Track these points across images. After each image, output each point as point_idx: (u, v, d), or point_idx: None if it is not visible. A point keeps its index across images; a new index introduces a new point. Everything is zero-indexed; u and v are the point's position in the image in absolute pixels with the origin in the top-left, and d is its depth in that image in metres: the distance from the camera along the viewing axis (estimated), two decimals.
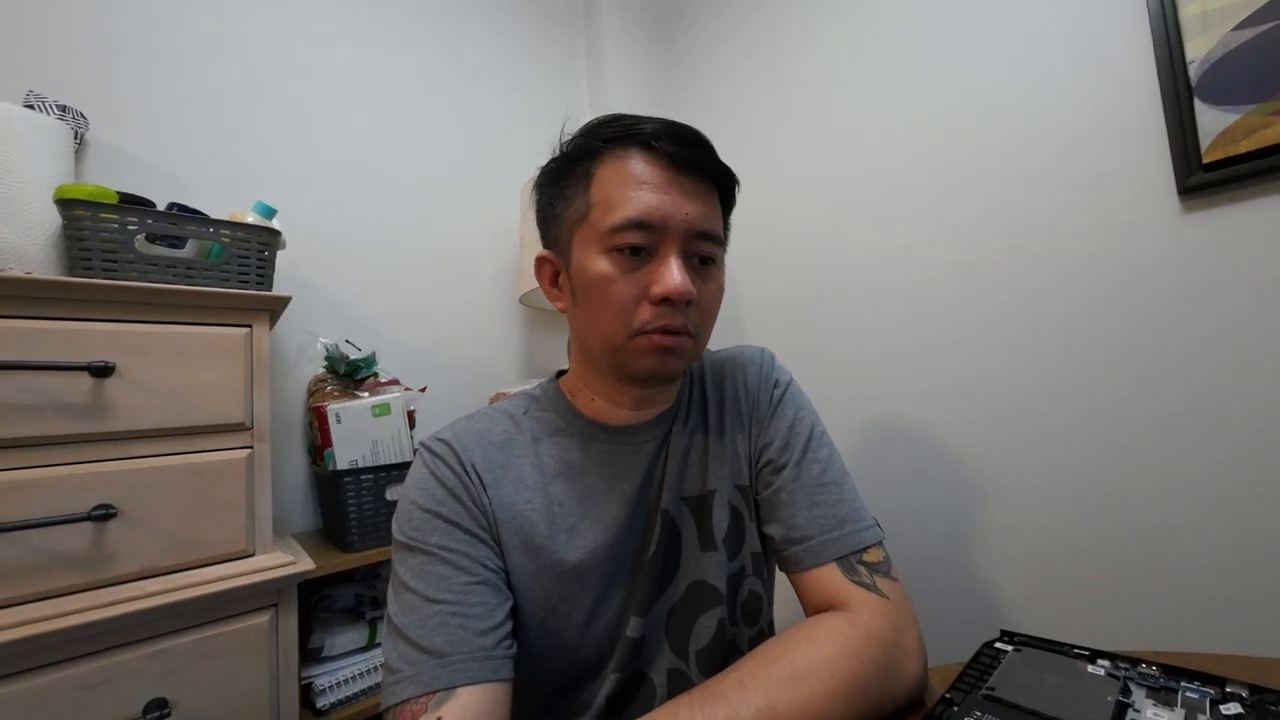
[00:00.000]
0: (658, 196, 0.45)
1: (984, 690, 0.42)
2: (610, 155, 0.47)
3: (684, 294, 0.44)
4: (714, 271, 0.50)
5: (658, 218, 0.45)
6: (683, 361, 0.48)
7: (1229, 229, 0.75)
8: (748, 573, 0.55)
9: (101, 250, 0.70)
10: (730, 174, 0.51)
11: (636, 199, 0.45)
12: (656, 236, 0.45)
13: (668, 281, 0.44)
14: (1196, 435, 0.77)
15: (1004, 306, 0.95)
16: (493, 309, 1.37)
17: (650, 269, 0.46)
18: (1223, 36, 0.73)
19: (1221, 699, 0.39)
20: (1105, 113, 0.84)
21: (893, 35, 1.10)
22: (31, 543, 0.59)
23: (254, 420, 0.74)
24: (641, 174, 0.46)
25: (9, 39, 0.85)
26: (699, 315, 0.48)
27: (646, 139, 0.46)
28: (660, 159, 0.46)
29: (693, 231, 0.46)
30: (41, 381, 0.61)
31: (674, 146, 0.46)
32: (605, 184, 0.47)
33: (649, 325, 0.45)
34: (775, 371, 0.58)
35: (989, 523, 0.96)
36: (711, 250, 0.49)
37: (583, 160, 0.48)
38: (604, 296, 0.46)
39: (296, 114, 1.11)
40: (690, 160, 0.46)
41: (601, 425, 0.53)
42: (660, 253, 0.46)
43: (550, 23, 1.56)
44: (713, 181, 0.49)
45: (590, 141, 0.48)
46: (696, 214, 0.46)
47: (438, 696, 0.39)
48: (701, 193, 0.48)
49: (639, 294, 0.45)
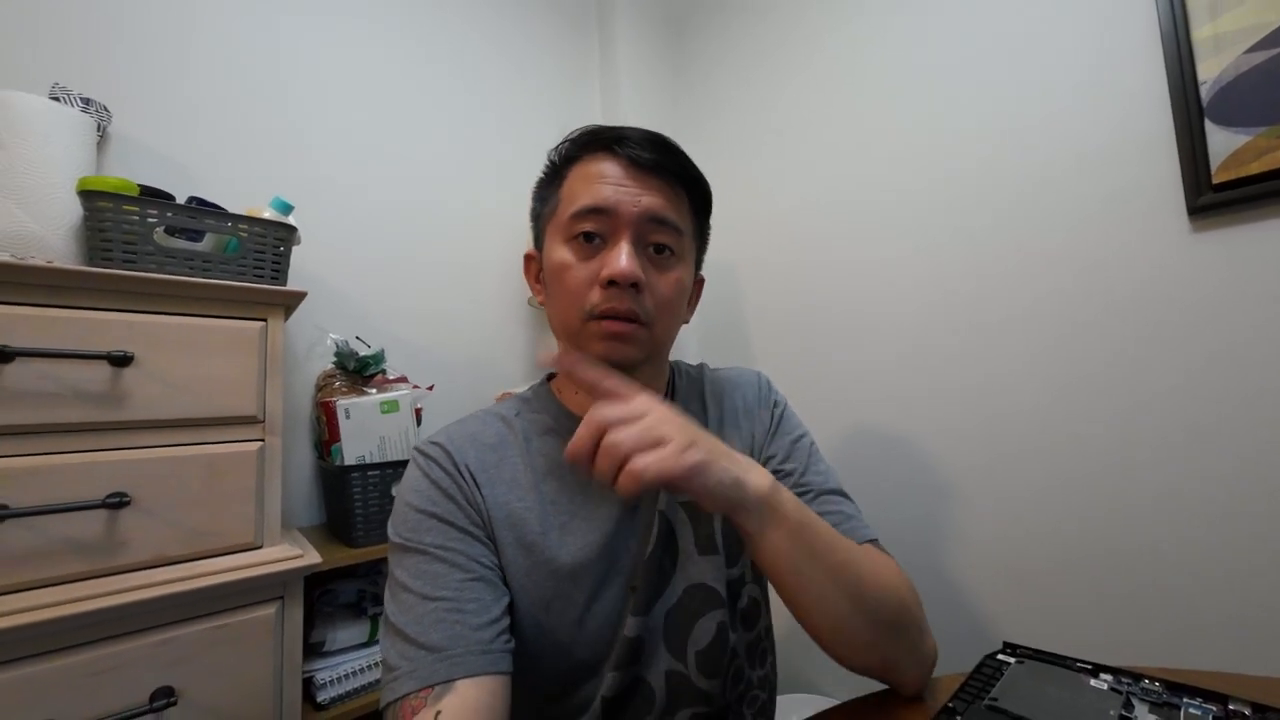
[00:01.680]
0: (614, 188, 0.49)
1: (987, 701, 0.43)
2: (580, 160, 0.52)
3: (628, 276, 0.47)
4: (672, 262, 0.52)
5: (609, 204, 0.49)
6: (635, 349, 0.50)
7: (1238, 250, 0.75)
8: (747, 579, 0.56)
9: (122, 241, 0.71)
10: (698, 178, 0.54)
11: (594, 190, 0.49)
12: (609, 223, 0.49)
13: (614, 264, 0.47)
14: (1202, 452, 0.77)
15: (1011, 320, 0.96)
16: (501, 309, 1.38)
17: (603, 255, 0.49)
18: (1235, 59, 0.74)
19: (1225, 717, 0.40)
20: (1116, 132, 0.85)
21: (904, 47, 1.11)
22: (46, 528, 0.59)
23: (266, 414, 0.75)
24: (601, 171, 0.50)
25: (37, 32, 0.86)
26: (651, 303, 0.50)
27: (611, 143, 0.51)
28: (623, 160, 0.50)
29: (646, 217, 0.49)
30: (61, 369, 0.62)
31: (637, 149, 0.50)
32: (572, 182, 0.52)
33: (598, 309, 0.48)
34: (773, 393, 0.63)
35: (991, 535, 0.96)
36: (669, 239, 0.51)
37: (561, 166, 0.54)
38: (562, 282, 0.50)
39: (312, 113, 1.12)
40: (652, 162, 0.50)
41: None
42: (612, 240, 0.49)
43: (564, 25, 1.57)
44: (682, 186, 0.52)
45: (568, 149, 0.54)
46: (652, 203, 0.49)
47: (436, 690, 0.39)
48: (662, 189, 0.51)
49: (591, 278, 0.49)
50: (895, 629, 0.45)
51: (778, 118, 1.34)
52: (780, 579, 0.43)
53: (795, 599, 0.44)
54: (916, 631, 0.47)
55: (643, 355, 0.51)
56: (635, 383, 0.43)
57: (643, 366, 0.52)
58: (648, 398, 0.41)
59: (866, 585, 0.44)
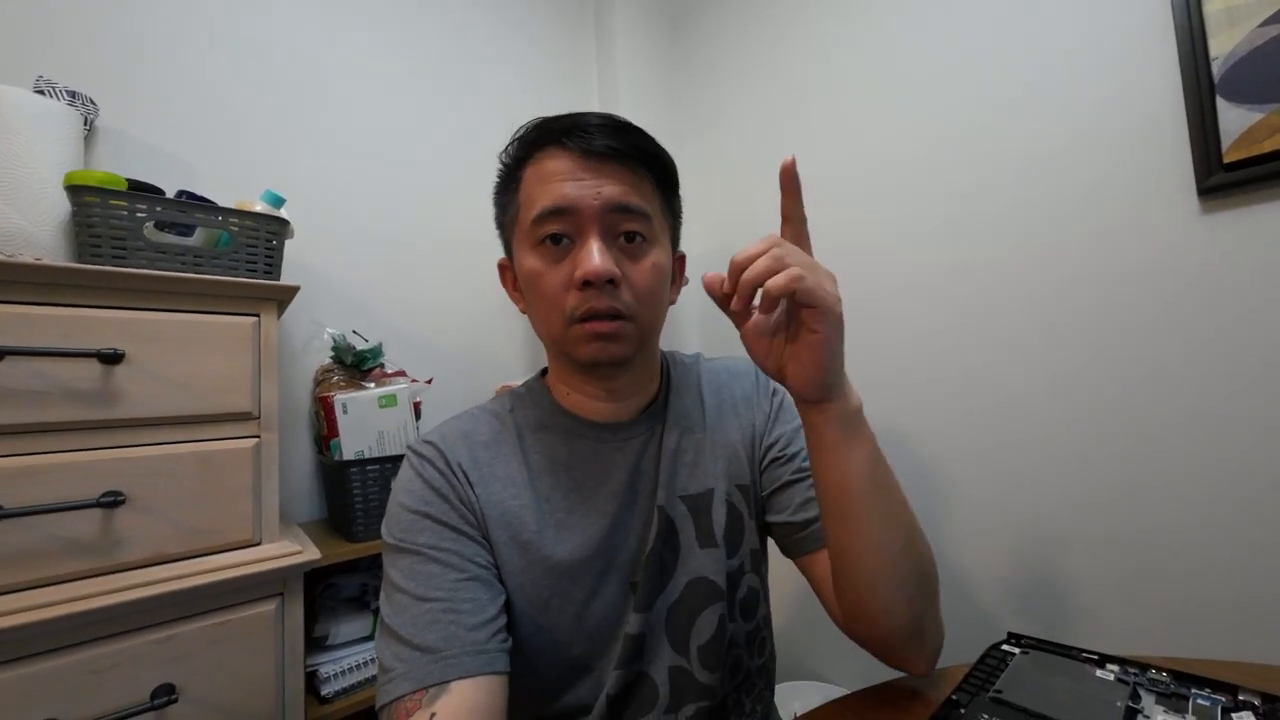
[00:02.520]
0: (570, 185, 0.47)
1: (991, 693, 0.42)
2: (532, 159, 0.50)
3: (602, 274, 0.45)
4: (645, 248, 0.50)
5: (568, 203, 0.46)
6: (625, 346, 0.49)
7: (1249, 230, 0.73)
8: (746, 569, 0.55)
9: (111, 237, 0.70)
10: (656, 153, 0.51)
11: (550, 190, 0.47)
12: (573, 222, 0.47)
13: (585, 264, 0.45)
14: (1210, 436, 0.76)
15: (1016, 303, 0.94)
16: (498, 302, 1.35)
17: (573, 255, 0.47)
18: (1248, 33, 0.71)
19: (1233, 707, 0.39)
20: (1125, 109, 0.83)
21: (905, 28, 1.08)
22: (41, 528, 0.59)
23: (261, 410, 0.74)
24: (555, 169, 0.48)
25: (19, 24, 0.84)
26: (631, 295, 0.48)
27: (560, 136, 0.48)
28: (573, 152, 0.47)
29: (610, 207, 0.47)
30: (51, 368, 0.61)
31: (585, 139, 0.47)
32: (528, 185, 0.49)
33: (577, 311, 0.47)
34: (771, 382, 0.61)
35: (994, 523, 0.96)
36: (637, 226, 0.49)
37: (514, 169, 0.51)
38: (538, 290, 0.49)
39: (305, 103, 1.11)
40: (602, 149, 0.47)
41: (584, 420, 0.54)
42: (580, 239, 0.47)
43: (561, 18, 1.54)
44: (642, 166, 0.50)
45: (517, 149, 0.51)
46: (613, 193, 0.47)
47: (431, 692, 0.39)
48: (620, 175, 0.48)
49: (565, 282, 0.47)
50: (931, 585, 0.46)
51: (779, 107, 1.32)
52: (846, 501, 0.44)
53: (854, 528, 0.44)
54: (937, 599, 0.48)
55: (633, 350, 0.50)
56: None
57: (634, 358, 0.51)
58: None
59: (917, 533, 0.46)
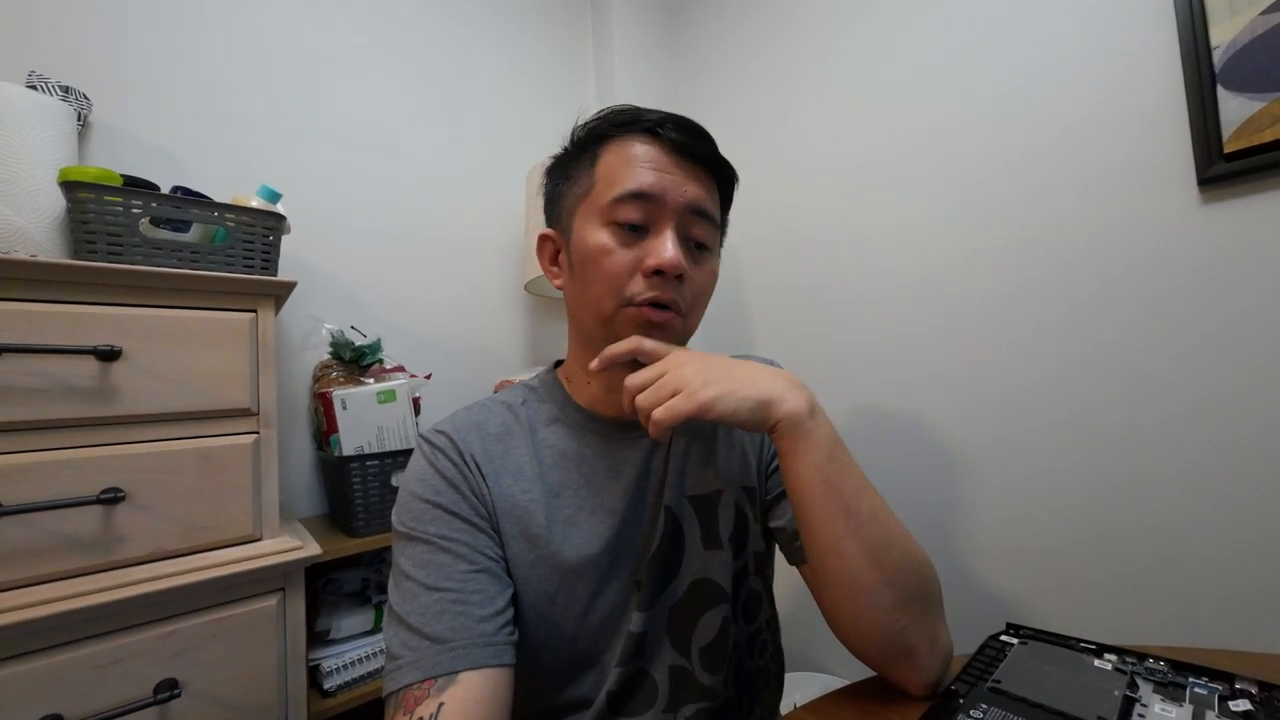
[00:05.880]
0: (658, 175, 0.48)
1: (990, 683, 0.42)
2: (616, 139, 0.50)
3: (676, 266, 0.47)
4: (708, 257, 0.52)
5: (656, 190, 0.47)
6: (670, 337, 0.50)
7: (1249, 221, 0.73)
8: (750, 572, 0.55)
9: (106, 233, 0.70)
10: (729, 167, 0.53)
11: (638, 174, 0.48)
12: (654, 210, 0.48)
13: (662, 253, 0.47)
14: (1209, 428, 0.76)
15: (1015, 295, 0.94)
16: (498, 296, 1.36)
17: (646, 243, 0.48)
18: (1250, 21, 0.71)
19: (1230, 695, 0.39)
20: (1125, 99, 0.82)
21: (903, 18, 1.07)
22: (42, 525, 0.59)
23: (260, 406, 0.74)
24: (644, 155, 0.49)
25: (11, 19, 0.83)
26: (690, 294, 0.50)
27: (652, 126, 0.49)
28: (664, 144, 0.49)
29: (690, 208, 0.49)
30: (47, 365, 0.61)
31: (677, 134, 0.49)
32: (609, 163, 0.50)
33: (639, 297, 0.47)
34: None
35: (993, 515, 0.96)
36: (707, 234, 0.51)
37: (591, 144, 0.52)
38: (599, 267, 0.48)
39: (301, 97, 1.10)
40: (691, 148, 0.49)
41: (597, 417, 0.54)
42: (656, 228, 0.48)
43: (558, 8, 1.53)
44: (713, 175, 0.52)
45: (600, 126, 0.52)
46: (695, 193, 0.49)
47: (440, 681, 0.39)
48: (701, 177, 0.50)
49: (633, 266, 0.48)
50: (919, 602, 0.44)
51: (774, 98, 1.31)
52: (803, 509, 0.44)
53: (812, 535, 0.44)
54: (936, 614, 0.46)
55: (674, 344, 0.50)
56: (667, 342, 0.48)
57: None
58: (675, 354, 0.46)
59: (894, 542, 0.44)
